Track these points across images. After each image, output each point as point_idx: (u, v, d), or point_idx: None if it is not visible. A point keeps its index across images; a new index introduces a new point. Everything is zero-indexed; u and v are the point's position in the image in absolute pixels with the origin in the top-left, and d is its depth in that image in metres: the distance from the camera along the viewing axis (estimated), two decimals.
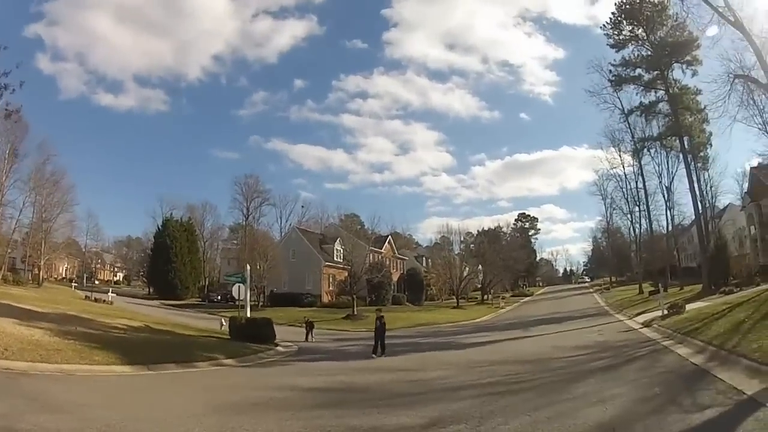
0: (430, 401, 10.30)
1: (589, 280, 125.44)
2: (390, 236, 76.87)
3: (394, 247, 79.86)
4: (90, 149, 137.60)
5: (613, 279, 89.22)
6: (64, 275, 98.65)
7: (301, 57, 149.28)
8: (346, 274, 56.78)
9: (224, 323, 28.84)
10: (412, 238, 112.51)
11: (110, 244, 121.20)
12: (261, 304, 58.94)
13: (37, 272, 66.57)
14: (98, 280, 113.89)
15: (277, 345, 25.10)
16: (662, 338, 19.78)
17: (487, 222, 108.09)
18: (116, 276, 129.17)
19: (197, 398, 11.36)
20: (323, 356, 22.44)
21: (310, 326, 31.40)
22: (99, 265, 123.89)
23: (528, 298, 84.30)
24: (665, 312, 26.41)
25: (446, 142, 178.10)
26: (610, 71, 50.43)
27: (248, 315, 28.10)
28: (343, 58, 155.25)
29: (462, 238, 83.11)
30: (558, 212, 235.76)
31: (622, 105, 52.29)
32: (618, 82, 50.54)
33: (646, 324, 26.01)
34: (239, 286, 29.00)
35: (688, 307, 26.49)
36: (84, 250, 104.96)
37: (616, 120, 54.64)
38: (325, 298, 60.69)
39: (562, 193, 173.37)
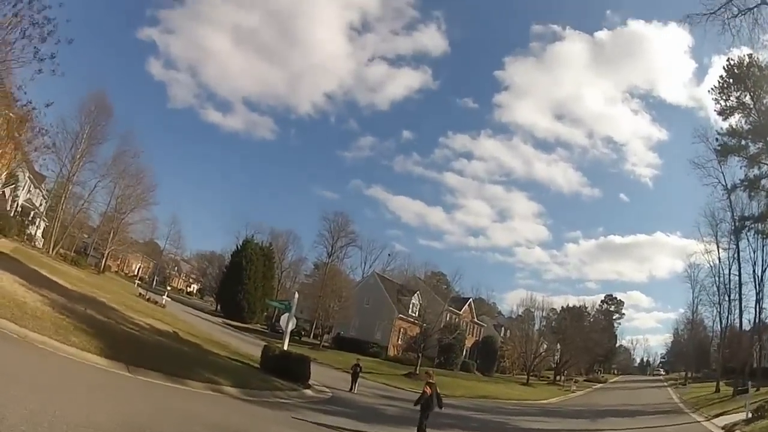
0: None
1: (664, 372, 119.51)
2: (471, 300, 73.76)
3: (474, 312, 76.53)
4: (191, 161, 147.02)
5: (689, 374, 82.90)
6: (136, 273, 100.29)
7: (412, 108, 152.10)
8: (419, 330, 53.81)
9: None
10: (495, 306, 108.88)
11: (192, 255, 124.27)
12: (323, 344, 57.29)
13: (101, 260, 67.50)
14: (171, 286, 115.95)
15: (309, 387, 22.66)
16: None
17: (573, 301, 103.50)
18: (190, 287, 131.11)
19: (129, 417, 8.84)
20: (350, 412, 19.20)
21: (355, 374, 28.32)
22: (174, 272, 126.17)
23: (601, 384, 79.16)
24: (749, 415, 22.56)
25: (544, 215, 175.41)
26: (716, 140, 46.41)
27: (285, 347, 25.39)
28: (453, 115, 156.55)
29: (545, 314, 78.90)
30: (643, 300, 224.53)
31: (725, 181, 47.56)
32: (723, 153, 45.87)
33: (728, 429, 22.32)
34: (287, 316, 27.04)
35: None
36: (162, 253, 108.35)
37: (718, 197, 49.68)
38: (392, 351, 58.22)
39: (650, 281, 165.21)
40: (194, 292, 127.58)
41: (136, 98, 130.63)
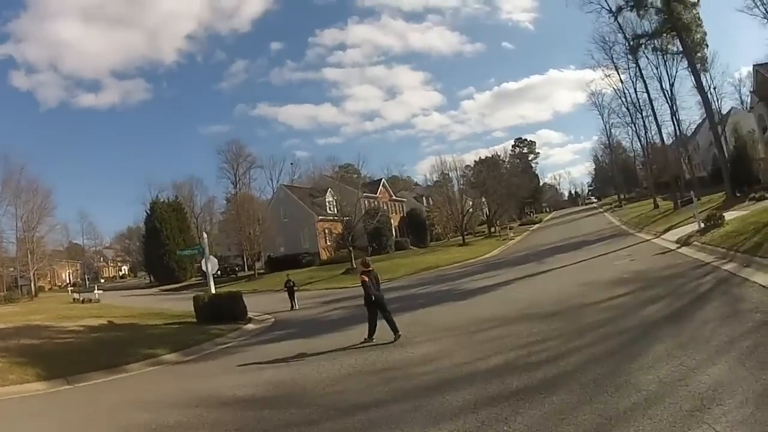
0: (392, 422, 6.54)
1: (596, 200, 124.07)
2: (383, 179, 73.70)
3: (390, 190, 76.18)
4: (79, 152, 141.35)
5: (622, 196, 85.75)
6: (68, 280, 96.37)
7: (273, 20, 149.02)
8: (343, 225, 52.84)
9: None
10: (411, 179, 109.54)
11: (112, 239, 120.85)
12: (258, 272, 56.49)
13: (31, 285, 64.02)
14: (103, 278, 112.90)
15: (250, 321, 22.20)
16: (716, 260, 15.59)
17: (485, 153, 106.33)
18: (121, 270, 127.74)
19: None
20: (293, 331, 18.27)
21: (290, 291, 27.15)
22: (102, 263, 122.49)
23: (537, 225, 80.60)
24: (702, 225, 22.08)
25: (433, 81, 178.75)
26: None
27: (213, 291, 24.54)
28: (316, 14, 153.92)
29: (462, 172, 78.43)
30: (554, 136, 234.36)
31: (608, 4, 46.35)
32: None
33: (683, 242, 21.49)
34: (209, 258, 25.58)
35: (726, 217, 22.18)
36: (83, 250, 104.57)
37: (605, 21, 48.88)
38: (324, 255, 57.42)
39: (555, 117, 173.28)
40: (126, 273, 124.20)
41: (11, 117, 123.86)
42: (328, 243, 60.02)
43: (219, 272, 66.71)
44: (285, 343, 15.63)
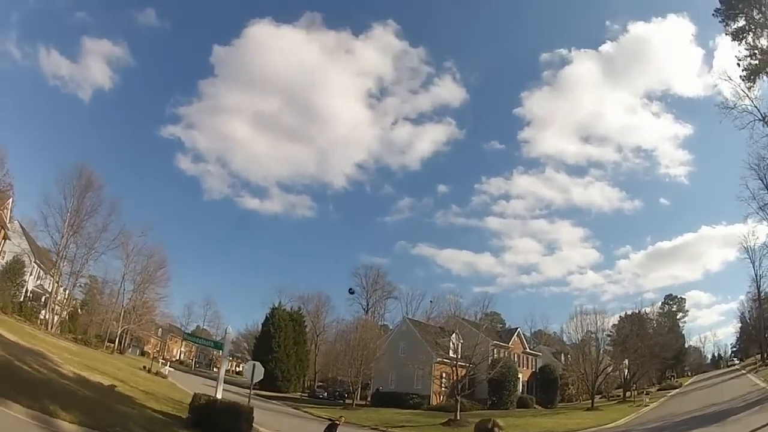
0: None
1: (738, 361, 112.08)
2: (519, 329, 68.91)
3: (524, 342, 70.20)
4: (235, 248, 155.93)
5: (765, 354, 75.99)
6: (177, 357, 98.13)
7: (442, 161, 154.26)
8: (463, 371, 46.93)
9: None
10: (557, 335, 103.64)
11: (237, 336, 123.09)
12: (356, 403, 52.97)
13: (118, 340, 67.34)
14: (216, 367, 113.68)
15: None
16: None
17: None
18: (239, 366, 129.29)
19: None
20: None
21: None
22: (217, 353, 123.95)
23: (675, 390, 72.02)
24: None
25: (591, 238, 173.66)
26: (738, 64, 40.52)
27: (219, 395, 21.14)
28: (483, 160, 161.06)
29: (607, 332, 71.73)
30: (703, 298, 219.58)
31: (760, 114, 40.50)
32: (751, 74, 39.96)
33: None
34: (254, 365, 23.22)
35: None
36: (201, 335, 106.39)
37: (759, 134, 41.57)
38: (435, 400, 52.54)
39: (705, 277, 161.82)
40: (242, 370, 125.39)
41: (173, 195, 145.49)
42: (443, 388, 54.72)
43: (325, 394, 63.70)
44: None
